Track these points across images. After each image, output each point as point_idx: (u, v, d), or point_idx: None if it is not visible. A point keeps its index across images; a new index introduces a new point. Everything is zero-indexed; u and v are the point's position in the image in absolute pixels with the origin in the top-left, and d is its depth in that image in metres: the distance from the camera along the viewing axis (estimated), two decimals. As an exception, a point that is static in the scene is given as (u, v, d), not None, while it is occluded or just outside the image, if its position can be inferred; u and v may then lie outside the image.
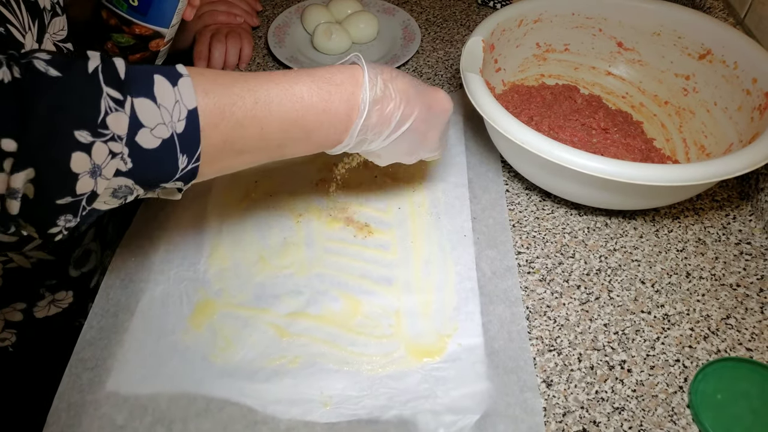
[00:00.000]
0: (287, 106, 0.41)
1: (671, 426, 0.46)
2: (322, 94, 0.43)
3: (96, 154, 0.34)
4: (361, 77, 0.45)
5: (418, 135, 0.49)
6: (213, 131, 0.38)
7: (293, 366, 0.49)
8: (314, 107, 0.43)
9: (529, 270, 0.57)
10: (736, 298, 0.55)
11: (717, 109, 0.66)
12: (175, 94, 0.37)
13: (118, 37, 0.61)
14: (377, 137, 0.47)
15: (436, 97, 0.50)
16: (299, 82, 0.42)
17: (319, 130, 0.44)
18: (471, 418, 0.46)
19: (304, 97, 0.42)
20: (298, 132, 0.43)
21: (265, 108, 0.40)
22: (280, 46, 0.83)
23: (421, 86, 0.49)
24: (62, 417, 0.46)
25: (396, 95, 0.46)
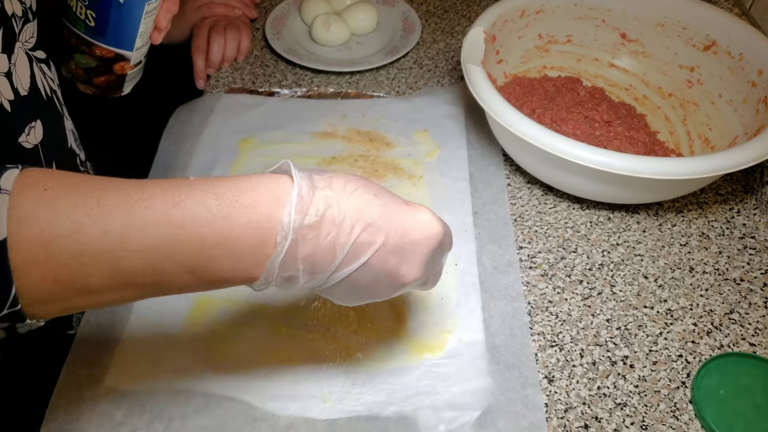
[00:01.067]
0: (155, 237, 0.30)
1: (673, 421, 0.46)
2: (217, 221, 0.31)
3: None
4: (286, 195, 0.33)
5: (386, 271, 0.36)
6: (34, 270, 0.29)
7: (293, 362, 0.49)
8: (202, 238, 0.31)
9: (531, 265, 0.57)
10: (740, 292, 0.54)
11: (722, 102, 0.65)
12: None
13: (79, 58, 0.57)
14: (317, 273, 0.34)
15: (417, 220, 0.36)
16: (184, 203, 0.31)
17: (212, 266, 0.32)
18: (472, 414, 0.45)
19: (186, 226, 0.31)
20: (175, 267, 0.32)
21: (118, 241, 0.30)
22: (278, 38, 0.82)
23: (392, 204, 0.36)
24: (60, 413, 0.46)
25: (346, 216, 0.33)
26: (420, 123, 0.70)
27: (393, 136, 0.68)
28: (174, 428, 0.45)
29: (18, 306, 0.30)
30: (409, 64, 0.80)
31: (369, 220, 0.34)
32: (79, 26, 0.55)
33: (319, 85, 0.77)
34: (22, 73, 0.46)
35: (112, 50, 0.57)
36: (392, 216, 0.35)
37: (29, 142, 0.49)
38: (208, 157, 0.66)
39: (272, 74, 0.79)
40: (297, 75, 0.79)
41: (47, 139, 0.51)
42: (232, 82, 0.78)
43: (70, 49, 0.57)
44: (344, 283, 0.35)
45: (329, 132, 0.69)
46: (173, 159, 0.66)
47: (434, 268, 0.39)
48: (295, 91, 0.76)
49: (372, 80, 0.78)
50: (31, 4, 0.48)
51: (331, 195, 0.34)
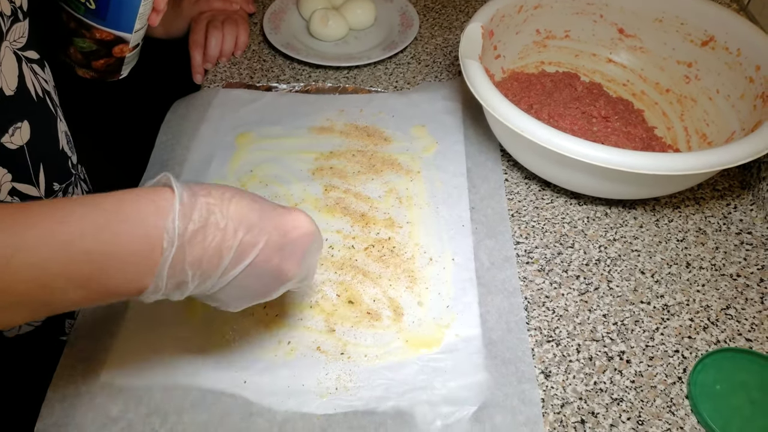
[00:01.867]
0: (43, 256, 0.31)
1: (669, 417, 0.46)
2: (103, 234, 0.32)
3: None
4: (169, 204, 0.34)
5: (269, 269, 0.38)
6: None
7: (289, 357, 0.49)
8: (89, 252, 0.32)
9: (528, 260, 0.57)
10: (737, 288, 0.54)
11: (719, 97, 0.65)
12: None
13: (79, 42, 0.57)
14: (204, 278, 0.36)
15: (292, 219, 0.39)
16: (69, 218, 0.32)
17: (102, 279, 0.33)
18: (468, 409, 0.45)
19: (73, 242, 0.31)
20: (66, 284, 0.32)
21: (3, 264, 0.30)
22: (276, 32, 0.82)
23: (269, 208, 0.39)
24: (56, 408, 0.46)
25: (226, 222, 0.35)
26: (418, 118, 0.69)
27: (391, 131, 0.68)
28: (170, 423, 0.45)
29: None
30: (406, 60, 0.80)
31: (250, 222, 0.36)
32: (78, 9, 0.55)
33: (317, 80, 0.77)
34: (8, 73, 0.46)
35: (112, 33, 0.57)
36: (271, 218, 0.38)
37: (13, 143, 0.48)
38: (205, 152, 0.66)
39: (270, 69, 0.79)
40: (295, 70, 0.79)
41: (35, 140, 0.50)
42: (229, 76, 0.78)
43: (69, 33, 0.58)
44: (232, 285, 0.37)
45: (327, 127, 0.69)
46: (170, 154, 0.66)
47: (311, 265, 0.42)
48: (292, 86, 0.76)
49: (370, 75, 0.78)
50: (21, 3, 0.47)
51: (212, 202, 0.35)
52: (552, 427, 0.45)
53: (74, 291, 0.33)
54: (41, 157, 0.52)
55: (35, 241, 0.31)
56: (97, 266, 0.32)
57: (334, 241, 0.57)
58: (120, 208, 0.33)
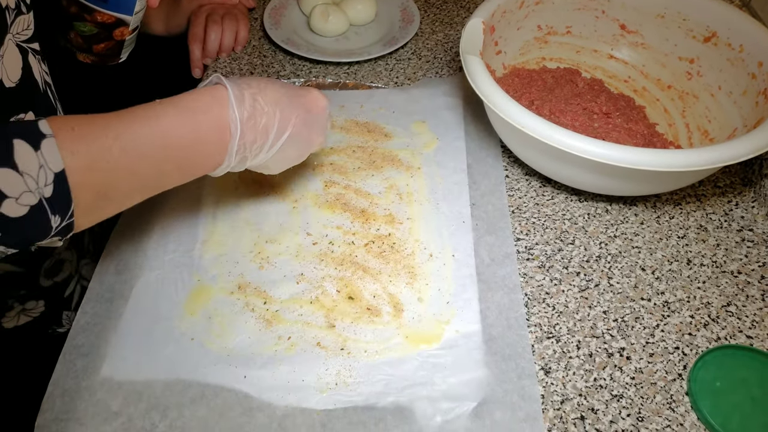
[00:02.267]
0: (156, 145, 0.41)
1: (669, 413, 0.46)
2: (190, 124, 0.42)
3: None
4: (226, 97, 0.44)
5: (302, 139, 0.49)
6: (83, 189, 0.37)
7: (289, 352, 0.49)
8: (183, 140, 0.42)
9: (528, 256, 0.57)
10: (737, 285, 0.54)
11: (721, 94, 0.65)
12: (39, 159, 0.35)
13: (80, 26, 0.58)
14: (259, 152, 0.46)
15: (312, 99, 0.50)
16: (164, 115, 0.41)
17: (193, 161, 0.44)
18: (468, 405, 0.45)
19: (171, 132, 0.41)
20: (171, 167, 0.42)
21: (133, 153, 0.39)
22: (276, 28, 0.82)
23: (293, 91, 0.49)
24: (57, 403, 0.46)
25: (267, 107, 0.45)
26: (418, 114, 0.69)
27: (391, 127, 0.68)
28: (170, 418, 0.45)
29: (72, 218, 0.38)
30: (407, 55, 0.80)
31: (283, 105, 0.46)
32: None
33: (317, 75, 0.77)
34: (11, 65, 0.46)
35: (113, 15, 0.59)
36: (296, 100, 0.48)
37: None
38: (205, 148, 0.65)
39: (270, 64, 0.79)
40: (295, 65, 0.79)
41: None
42: (230, 72, 0.78)
43: (70, 18, 0.59)
44: (277, 156, 0.48)
45: (327, 123, 0.69)
46: (170, 149, 0.66)
47: (326, 130, 0.54)
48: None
49: (370, 71, 0.78)
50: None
51: (255, 92, 0.45)
52: (552, 423, 0.45)
53: (175, 174, 0.43)
54: None
55: (144, 132, 0.40)
56: (189, 150, 0.43)
57: (335, 237, 0.57)
58: (194, 105, 0.43)
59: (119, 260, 0.56)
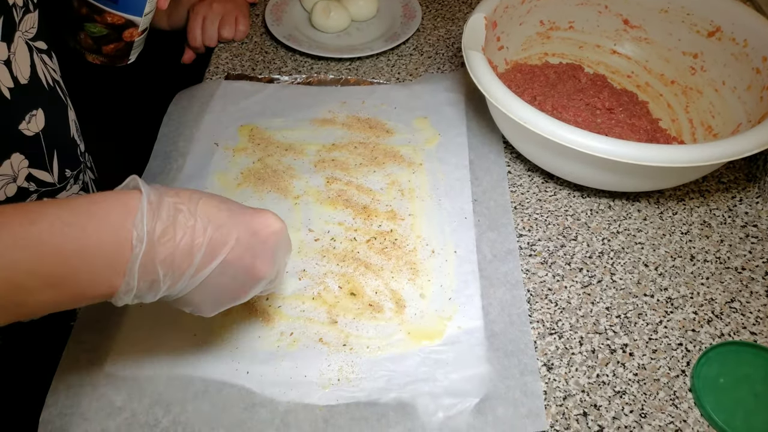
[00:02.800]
0: (15, 256, 0.31)
1: (672, 410, 0.46)
2: (73, 232, 0.33)
3: None
4: (137, 203, 0.34)
5: (243, 268, 0.39)
6: None
7: (292, 348, 0.49)
8: (60, 250, 0.32)
9: (531, 253, 0.56)
10: (741, 281, 0.54)
11: (725, 89, 0.64)
12: None
13: (90, 27, 0.59)
14: (179, 277, 0.36)
15: (261, 220, 0.40)
16: (40, 219, 0.32)
17: (74, 278, 0.33)
18: (470, 401, 0.45)
19: (43, 240, 0.32)
20: (40, 282, 0.33)
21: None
22: (278, 24, 0.82)
23: (238, 208, 0.39)
24: (61, 398, 0.46)
25: (196, 221, 0.36)
26: (420, 110, 0.69)
27: (393, 123, 0.68)
28: (173, 413, 0.45)
29: None
30: (409, 51, 0.80)
31: (219, 222, 0.37)
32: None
33: (318, 71, 0.77)
34: (22, 62, 0.47)
35: (123, 16, 0.59)
36: (239, 218, 0.38)
37: (30, 129, 0.49)
38: (208, 144, 0.66)
39: (272, 61, 0.79)
40: (297, 61, 0.78)
41: (49, 128, 0.51)
42: (231, 68, 0.78)
43: (80, 19, 0.60)
44: (206, 286, 0.37)
45: (329, 119, 0.68)
46: (173, 146, 0.66)
47: (281, 265, 0.42)
48: (294, 78, 0.75)
49: (372, 67, 0.77)
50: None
51: (179, 201, 0.36)
52: (554, 419, 0.45)
53: (46, 291, 0.33)
54: (55, 144, 0.53)
55: (7, 240, 0.31)
56: (68, 265, 0.33)
57: (336, 234, 0.57)
58: (89, 208, 0.34)
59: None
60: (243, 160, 0.64)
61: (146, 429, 0.44)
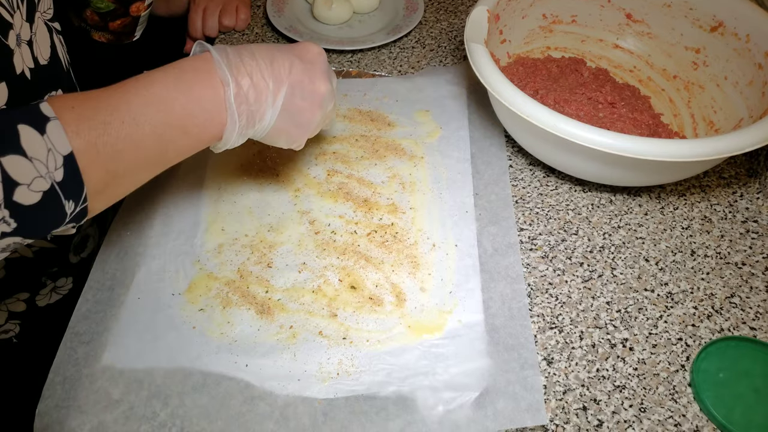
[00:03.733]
0: (152, 111, 0.40)
1: (672, 404, 0.46)
2: (180, 86, 0.41)
3: None
4: (210, 55, 0.43)
5: (306, 89, 0.47)
6: (92, 169, 0.37)
7: (291, 341, 0.48)
8: (178, 101, 0.41)
9: (532, 247, 0.56)
10: (741, 276, 0.54)
11: (727, 84, 0.64)
12: (46, 143, 0.35)
13: (97, 2, 0.59)
14: (263, 104, 0.45)
15: (302, 47, 0.49)
16: (154, 82, 0.41)
17: (194, 121, 0.42)
18: (470, 395, 0.45)
19: (164, 96, 0.41)
20: (174, 132, 0.41)
21: (133, 124, 0.39)
22: (279, 15, 0.81)
23: (282, 46, 0.48)
24: (58, 390, 0.46)
25: (256, 59, 0.45)
26: (422, 103, 0.69)
27: (394, 116, 0.67)
28: (171, 406, 0.45)
29: (86, 202, 0.38)
30: (411, 44, 0.79)
31: (272, 56, 0.46)
32: None
33: (319, 64, 0.76)
34: (42, 43, 0.47)
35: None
36: (286, 50, 0.48)
37: None
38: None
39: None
40: (297, 53, 0.78)
41: None
42: (231, 60, 0.77)
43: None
44: (285, 111, 0.46)
45: (329, 111, 0.68)
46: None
47: (334, 84, 0.52)
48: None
49: (374, 59, 0.77)
50: None
51: (240, 49, 0.45)
52: (554, 413, 0.45)
53: (181, 139, 0.42)
54: None
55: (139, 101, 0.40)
56: (189, 113, 0.42)
57: (337, 226, 0.56)
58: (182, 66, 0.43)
59: (120, 248, 0.55)
60: (242, 152, 0.63)
61: (144, 422, 0.44)
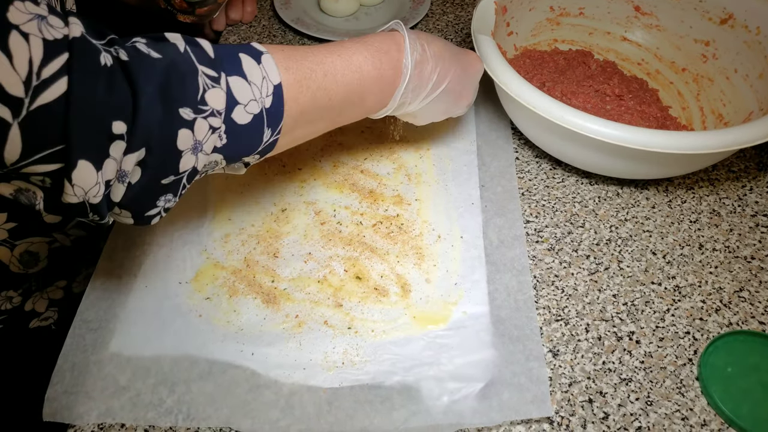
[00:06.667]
0: (349, 77, 0.44)
1: (679, 398, 0.46)
2: (375, 63, 0.46)
3: (198, 131, 0.36)
4: (402, 43, 0.47)
5: (454, 95, 0.52)
6: (293, 104, 0.41)
7: (297, 330, 0.49)
8: (370, 75, 0.46)
9: (538, 239, 0.56)
10: (750, 270, 0.53)
11: (737, 77, 0.64)
12: (261, 71, 0.39)
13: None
14: (415, 99, 0.50)
15: (469, 59, 0.53)
16: (356, 52, 0.45)
17: (372, 96, 0.47)
18: (475, 386, 0.45)
19: (362, 67, 0.45)
20: (356, 99, 0.46)
21: (332, 79, 0.43)
22: (287, 7, 0.81)
23: (454, 49, 0.52)
24: (66, 377, 0.46)
25: (432, 58, 0.49)
26: (428, 95, 0.68)
27: (401, 108, 0.67)
28: (178, 393, 0.45)
29: (279, 135, 0.41)
30: (418, 37, 0.79)
31: (444, 59, 0.50)
32: None
33: (326, 56, 0.76)
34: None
35: None
36: (456, 57, 0.52)
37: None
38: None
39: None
40: (304, 46, 0.78)
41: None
42: (238, 52, 0.77)
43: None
44: (429, 105, 0.51)
45: (336, 103, 0.68)
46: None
47: (474, 95, 0.57)
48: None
49: (380, 52, 0.77)
50: None
51: (424, 43, 0.49)
52: (559, 405, 0.45)
53: (357, 106, 0.47)
54: None
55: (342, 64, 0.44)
56: (372, 86, 0.46)
57: (343, 217, 0.56)
58: (380, 45, 0.47)
59: (128, 237, 0.56)
60: (249, 144, 0.63)
61: (150, 408, 0.44)
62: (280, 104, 0.40)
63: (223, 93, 0.36)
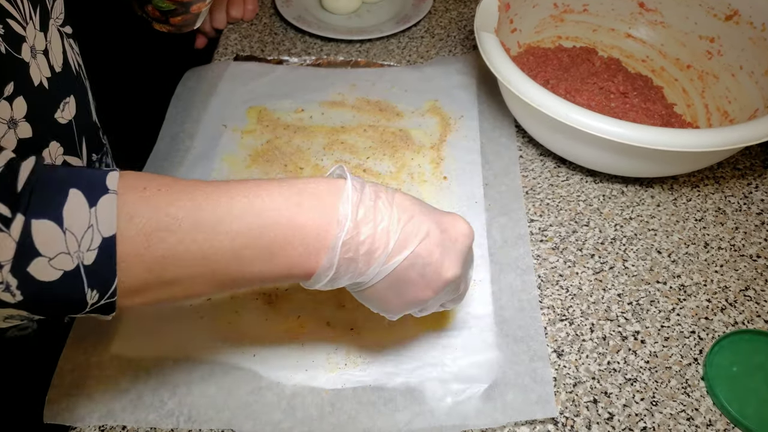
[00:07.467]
0: (241, 224, 0.34)
1: (684, 398, 0.45)
2: (290, 206, 0.35)
3: None
4: (342, 186, 0.36)
5: (431, 264, 0.38)
6: (135, 262, 0.32)
7: (299, 332, 0.48)
8: (279, 222, 0.34)
9: (542, 238, 0.56)
10: (756, 269, 0.53)
11: (742, 74, 0.63)
12: (90, 218, 0.30)
13: (158, 2, 0.61)
14: (372, 261, 0.36)
15: (451, 220, 0.39)
16: (263, 192, 0.35)
17: (286, 250, 0.35)
18: (479, 387, 0.45)
19: (265, 210, 0.34)
20: (256, 253, 0.34)
21: (209, 231, 0.33)
22: (288, 5, 0.80)
23: (429, 207, 0.40)
24: (67, 378, 0.46)
25: (393, 211, 0.37)
26: (431, 93, 0.68)
27: (403, 106, 0.67)
28: (179, 395, 0.45)
29: (115, 297, 0.32)
30: (420, 33, 0.79)
31: (412, 213, 0.37)
32: None
33: (328, 53, 0.76)
34: (56, 50, 0.47)
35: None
36: (431, 214, 0.38)
37: (64, 117, 0.49)
38: (216, 125, 0.65)
39: (281, 42, 0.78)
40: (306, 43, 0.77)
41: (78, 114, 0.51)
42: (240, 50, 0.77)
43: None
44: (393, 276, 0.37)
45: (338, 101, 0.68)
46: (181, 126, 0.65)
47: (467, 275, 0.42)
48: (304, 60, 0.74)
49: (382, 49, 0.76)
50: None
51: (379, 189, 0.37)
52: (564, 406, 0.45)
53: (257, 264, 0.35)
54: (82, 129, 0.53)
55: (234, 212, 0.34)
56: (283, 237, 0.35)
57: (345, 217, 0.56)
58: (305, 187, 0.36)
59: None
60: (251, 142, 0.63)
61: (152, 410, 0.44)
62: (108, 262, 0.31)
63: (12, 241, 0.28)
